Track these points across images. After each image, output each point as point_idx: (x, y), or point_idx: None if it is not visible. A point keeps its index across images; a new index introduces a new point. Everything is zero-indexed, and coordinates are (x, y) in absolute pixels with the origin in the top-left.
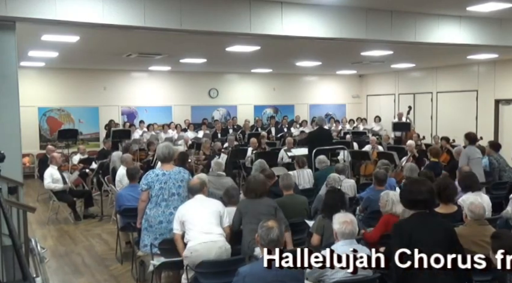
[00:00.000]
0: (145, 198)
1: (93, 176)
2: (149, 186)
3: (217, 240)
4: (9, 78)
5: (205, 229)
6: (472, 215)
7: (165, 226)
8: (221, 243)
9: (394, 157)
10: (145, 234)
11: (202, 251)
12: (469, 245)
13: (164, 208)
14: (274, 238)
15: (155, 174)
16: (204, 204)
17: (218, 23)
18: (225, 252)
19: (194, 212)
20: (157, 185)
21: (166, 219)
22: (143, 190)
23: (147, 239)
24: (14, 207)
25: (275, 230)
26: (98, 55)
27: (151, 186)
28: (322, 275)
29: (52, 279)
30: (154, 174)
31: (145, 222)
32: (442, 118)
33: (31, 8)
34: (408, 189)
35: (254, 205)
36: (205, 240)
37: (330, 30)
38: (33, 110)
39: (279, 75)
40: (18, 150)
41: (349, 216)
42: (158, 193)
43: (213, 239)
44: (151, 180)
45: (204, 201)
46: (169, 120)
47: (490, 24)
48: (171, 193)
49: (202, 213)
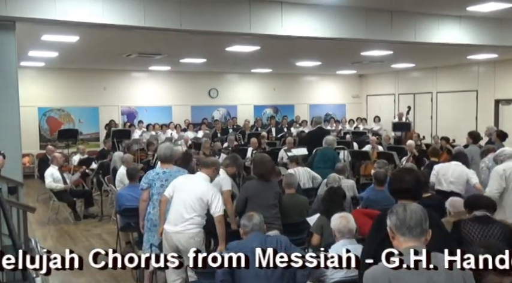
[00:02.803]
0: (146, 197)
1: (93, 176)
2: (150, 184)
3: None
4: (9, 78)
5: (181, 213)
6: (453, 209)
7: None
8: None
9: (394, 157)
10: (150, 234)
11: (173, 236)
12: None
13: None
14: (256, 222)
15: (155, 172)
16: (195, 187)
17: (218, 23)
18: (195, 243)
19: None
20: (158, 183)
21: None
22: (144, 189)
23: (152, 239)
24: (14, 207)
25: (255, 216)
26: (98, 55)
27: (152, 185)
28: (322, 275)
29: (52, 279)
30: (155, 173)
31: (148, 222)
32: (442, 118)
33: (31, 8)
34: (393, 178)
35: (263, 190)
36: (176, 230)
37: (330, 30)
38: (33, 110)
39: (279, 75)
40: (18, 150)
41: (345, 213)
42: (160, 191)
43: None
44: (152, 178)
45: (198, 183)
46: (169, 120)
47: (490, 24)
48: None
49: (188, 194)
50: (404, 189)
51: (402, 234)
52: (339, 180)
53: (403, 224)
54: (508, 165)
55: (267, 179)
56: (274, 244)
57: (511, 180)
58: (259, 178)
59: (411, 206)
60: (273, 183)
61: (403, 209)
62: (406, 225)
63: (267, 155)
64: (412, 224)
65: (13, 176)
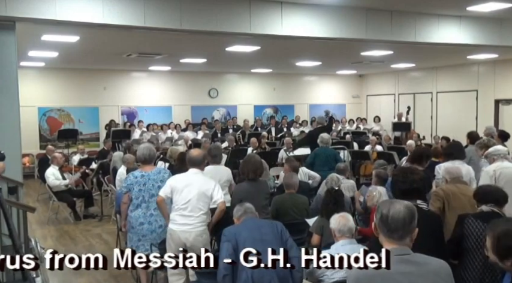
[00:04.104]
0: (126, 200)
1: (93, 176)
2: (129, 188)
3: (196, 227)
4: (9, 78)
5: (187, 213)
6: (449, 175)
7: (146, 227)
8: (199, 231)
9: (394, 157)
10: (129, 235)
11: (180, 235)
12: (448, 199)
13: (145, 210)
14: (248, 206)
15: (134, 176)
16: (195, 184)
17: (218, 23)
18: (203, 241)
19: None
20: (137, 187)
21: (147, 221)
22: (123, 193)
23: (131, 241)
24: (14, 207)
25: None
26: (98, 55)
27: (131, 189)
28: (322, 275)
29: (52, 279)
30: (134, 177)
31: (129, 224)
32: (442, 118)
33: (31, 8)
34: (399, 179)
35: (254, 191)
36: (183, 229)
37: (330, 30)
38: (33, 110)
39: (279, 75)
40: (18, 150)
41: (345, 213)
42: (138, 195)
43: (192, 225)
44: (130, 183)
45: (197, 180)
46: (169, 120)
47: (490, 24)
48: (150, 194)
49: (191, 191)
50: (413, 189)
51: (384, 234)
52: (338, 181)
53: (384, 225)
54: (499, 165)
55: (254, 178)
56: (269, 227)
57: (500, 181)
58: (248, 179)
59: (395, 207)
60: (262, 184)
61: (387, 209)
62: (387, 226)
63: (256, 155)
64: (392, 227)
65: (13, 176)
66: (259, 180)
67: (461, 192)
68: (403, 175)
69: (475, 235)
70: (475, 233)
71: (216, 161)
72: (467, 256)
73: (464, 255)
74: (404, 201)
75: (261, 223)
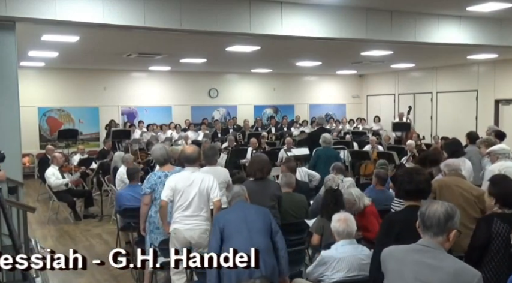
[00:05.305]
0: (148, 201)
1: (93, 176)
2: (153, 189)
3: (200, 225)
4: (9, 78)
5: (190, 213)
6: (447, 168)
7: None
8: (203, 229)
9: (394, 157)
10: (152, 236)
11: (185, 233)
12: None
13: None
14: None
15: (157, 176)
16: (195, 183)
17: (218, 23)
18: (207, 239)
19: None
20: (161, 187)
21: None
22: (146, 194)
23: (155, 241)
24: (14, 207)
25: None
26: (98, 55)
27: (155, 189)
28: (322, 275)
29: (52, 279)
30: (157, 177)
31: (151, 225)
32: (442, 118)
33: (31, 8)
34: (404, 180)
35: (259, 190)
36: (187, 228)
37: (330, 30)
38: (33, 110)
39: (279, 75)
40: (18, 150)
41: (345, 214)
42: None
43: (196, 223)
44: (154, 183)
45: (196, 179)
46: (169, 120)
47: (490, 24)
48: None
49: (191, 192)
50: (419, 190)
51: (421, 230)
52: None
53: (422, 223)
54: (502, 164)
55: (262, 177)
56: (255, 209)
57: None
58: (255, 179)
59: (433, 206)
60: (270, 184)
61: (425, 208)
62: (424, 223)
63: (262, 154)
64: (428, 224)
65: (13, 176)
66: (267, 180)
67: (456, 183)
68: (408, 176)
69: (502, 237)
70: (502, 235)
71: (212, 162)
72: (493, 259)
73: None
74: (446, 203)
75: (247, 205)
